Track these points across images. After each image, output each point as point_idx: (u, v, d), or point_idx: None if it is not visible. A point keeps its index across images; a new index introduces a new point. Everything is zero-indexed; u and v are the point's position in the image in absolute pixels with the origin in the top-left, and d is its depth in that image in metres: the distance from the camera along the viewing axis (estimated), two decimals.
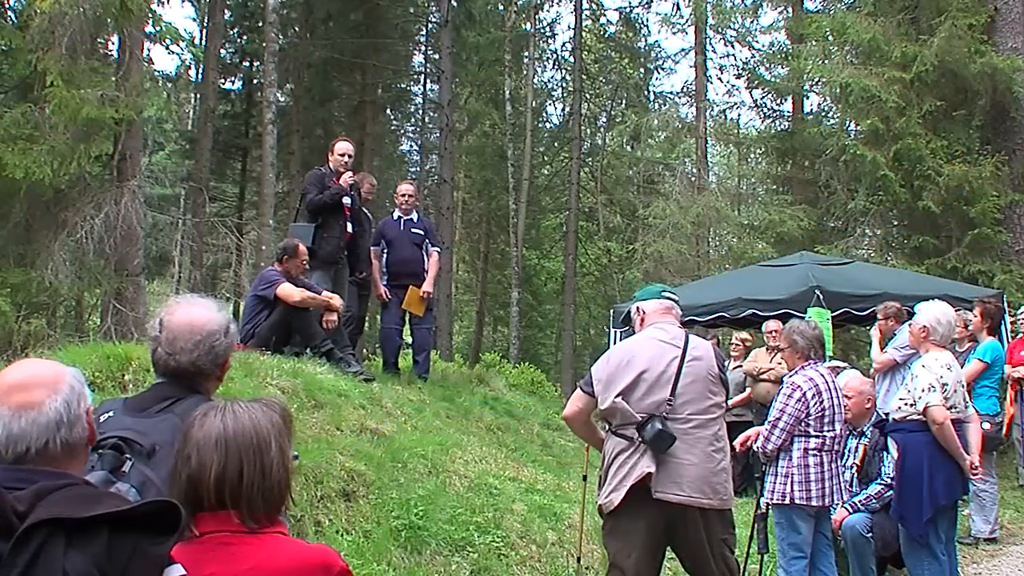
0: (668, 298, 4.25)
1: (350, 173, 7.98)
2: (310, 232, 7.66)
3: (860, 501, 5.44)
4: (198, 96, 22.40)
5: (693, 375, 3.88)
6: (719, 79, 24.75)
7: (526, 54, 27.04)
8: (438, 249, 8.77)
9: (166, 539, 1.57)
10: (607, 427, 4.05)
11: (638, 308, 4.27)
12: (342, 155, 8.01)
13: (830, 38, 15.54)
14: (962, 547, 6.30)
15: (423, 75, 26.21)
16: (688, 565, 3.99)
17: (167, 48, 13.41)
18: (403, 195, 8.67)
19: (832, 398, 4.93)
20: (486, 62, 25.09)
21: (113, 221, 11.23)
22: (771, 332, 8.65)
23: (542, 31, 27.78)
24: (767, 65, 21.53)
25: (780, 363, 8.15)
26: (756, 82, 21.12)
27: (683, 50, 26.76)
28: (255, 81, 22.82)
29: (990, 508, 7.00)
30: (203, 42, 20.66)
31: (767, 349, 8.97)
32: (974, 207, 12.66)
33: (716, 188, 22.99)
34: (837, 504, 5.19)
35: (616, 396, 3.88)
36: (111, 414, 2.23)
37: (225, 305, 2.53)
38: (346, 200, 7.88)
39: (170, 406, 2.25)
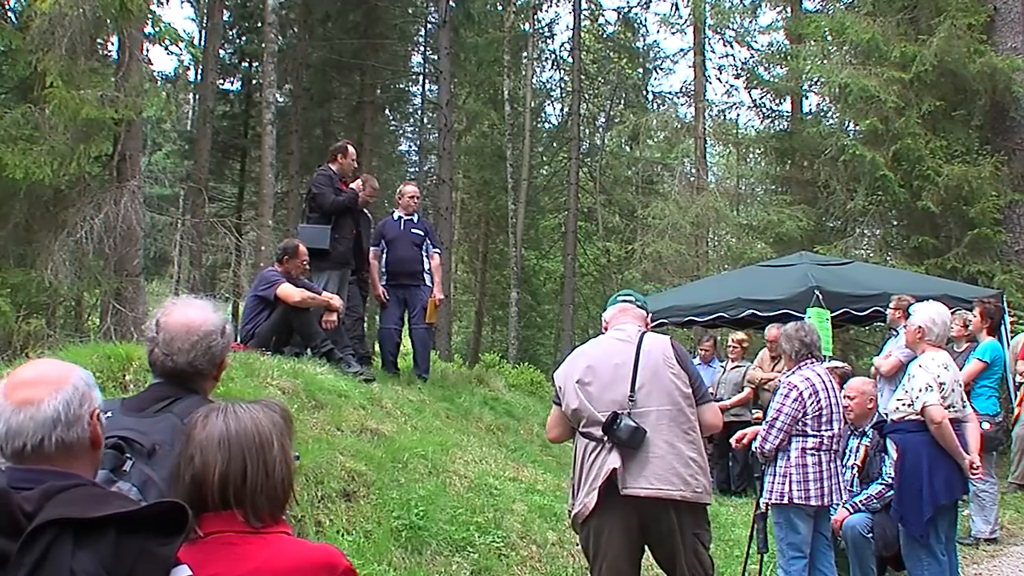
0: (624, 300, 4.26)
1: (359, 181, 8.11)
2: (326, 234, 7.70)
3: (861, 501, 5.44)
4: (197, 96, 22.42)
5: (651, 367, 3.84)
6: (718, 79, 24.81)
7: (525, 54, 27.03)
8: (439, 251, 8.78)
9: (173, 540, 1.58)
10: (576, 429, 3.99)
11: (603, 320, 4.30)
12: (354, 159, 8.26)
13: (829, 38, 15.57)
14: (962, 547, 6.29)
15: (422, 75, 26.23)
16: (660, 559, 3.91)
17: (166, 49, 13.48)
18: (411, 196, 8.69)
19: (830, 397, 4.94)
20: (485, 62, 25.09)
21: (113, 221, 11.22)
22: (771, 341, 8.64)
23: (541, 31, 27.78)
24: (766, 65, 21.53)
25: (780, 370, 8.15)
26: (755, 82, 21.11)
27: (682, 50, 26.87)
28: (254, 81, 22.82)
29: (990, 508, 7.00)
30: (202, 42, 20.70)
31: (771, 357, 8.97)
32: (973, 207, 12.67)
33: (715, 188, 22.96)
34: (836, 504, 5.20)
35: (575, 396, 3.87)
36: (109, 414, 2.22)
37: (222, 305, 2.56)
38: None
39: (168, 406, 2.27)
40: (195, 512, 1.72)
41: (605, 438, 3.75)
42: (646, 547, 3.92)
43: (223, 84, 22.97)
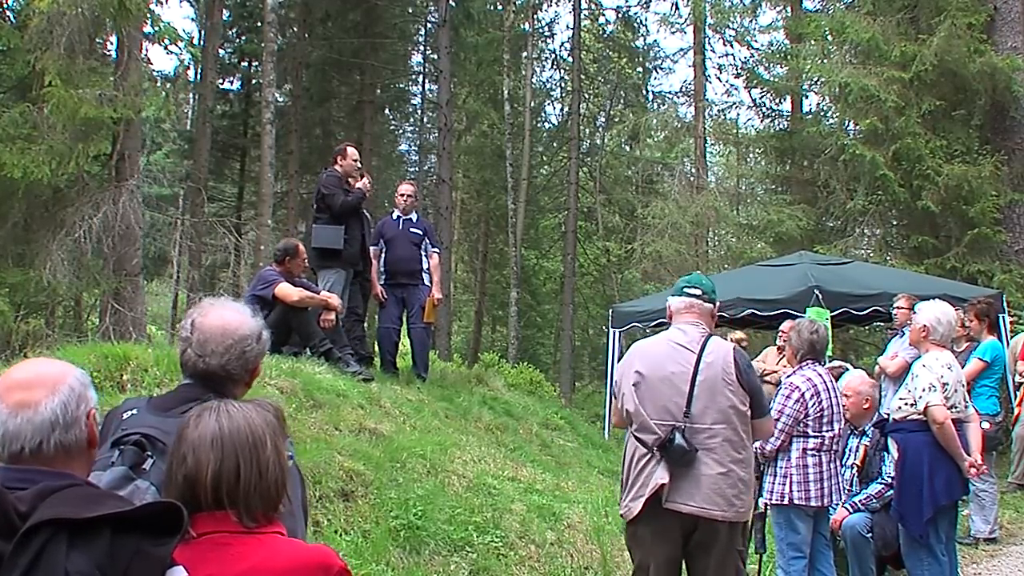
0: (690, 294, 4.00)
1: (366, 181, 8.14)
2: (340, 234, 7.74)
3: (860, 501, 5.43)
4: (196, 96, 22.38)
5: (710, 382, 3.73)
6: (718, 79, 24.77)
7: (524, 54, 27.01)
8: (438, 250, 8.78)
9: (168, 540, 1.57)
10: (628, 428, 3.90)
11: (667, 305, 4.10)
12: (355, 160, 8.23)
13: (829, 37, 15.57)
14: (962, 547, 6.28)
15: (421, 75, 26.23)
16: (695, 572, 3.85)
17: (165, 48, 13.40)
18: (404, 195, 8.70)
19: (831, 398, 4.94)
20: (484, 62, 25.08)
21: (111, 221, 11.21)
22: (783, 332, 8.61)
23: (540, 31, 27.77)
24: (766, 65, 21.53)
25: (786, 365, 8.14)
26: (755, 81, 21.11)
27: (682, 50, 26.84)
28: (253, 81, 22.82)
29: (989, 508, 6.99)
30: (201, 42, 20.64)
31: (777, 349, 8.94)
32: (973, 207, 12.67)
33: (715, 188, 22.97)
34: (836, 504, 5.19)
35: (631, 400, 3.79)
36: (134, 412, 2.22)
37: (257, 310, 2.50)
38: None
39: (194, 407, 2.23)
40: (188, 512, 1.71)
41: (655, 448, 3.69)
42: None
43: (222, 83, 22.96)
